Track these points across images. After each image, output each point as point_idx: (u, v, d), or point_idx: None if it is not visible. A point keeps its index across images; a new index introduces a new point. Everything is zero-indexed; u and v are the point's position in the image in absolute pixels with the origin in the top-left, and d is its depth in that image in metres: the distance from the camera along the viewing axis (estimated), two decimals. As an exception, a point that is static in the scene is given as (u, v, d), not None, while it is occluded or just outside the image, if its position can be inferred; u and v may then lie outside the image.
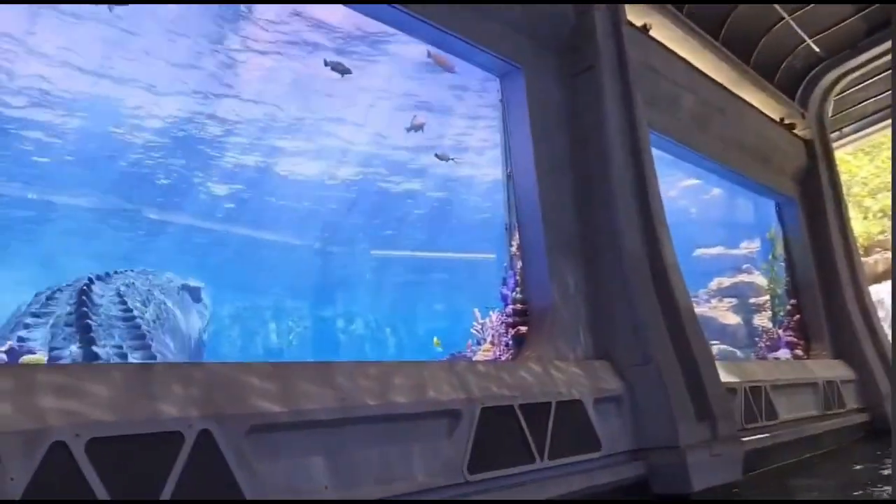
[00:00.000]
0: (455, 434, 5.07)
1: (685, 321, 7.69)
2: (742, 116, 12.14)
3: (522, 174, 7.40)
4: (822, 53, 13.78)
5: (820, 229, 14.01)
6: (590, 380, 6.68)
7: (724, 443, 7.31)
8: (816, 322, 13.63)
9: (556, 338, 6.96)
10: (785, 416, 10.14)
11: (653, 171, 8.37)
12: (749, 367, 9.92)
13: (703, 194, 25.42)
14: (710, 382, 7.55)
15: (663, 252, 7.94)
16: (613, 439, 6.64)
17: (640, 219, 7.98)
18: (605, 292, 7.53)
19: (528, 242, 7.31)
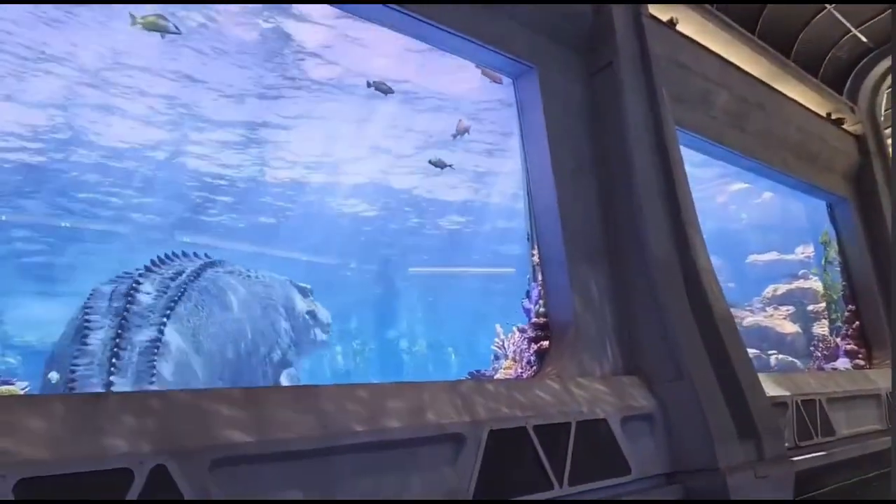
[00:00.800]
0: (459, 460, 4.65)
1: (722, 330, 7.10)
2: (784, 112, 11.44)
3: (539, 179, 6.98)
4: (869, 43, 12.96)
5: (876, 229, 13.11)
6: (616, 397, 6.17)
7: (772, 463, 6.68)
8: (878, 328, 12.70)
9: (579, 352, 6.48)
10: (844, 431, 9.37)
11: (682, 171, 7.83)
12: (801, 379, 9.19)
13: (755, 198, 24.45)
14: (754, 396, 6.93)
15: (696, 256, 7.38)
16: (645, 462, 6.10)
17: (669, 221, 7.44)
18: (633, 302, 7.01)
19: (548, 251, 6.86)
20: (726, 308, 7.47)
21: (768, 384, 8.43)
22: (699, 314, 7.16)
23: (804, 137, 11.99)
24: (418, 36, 6.94)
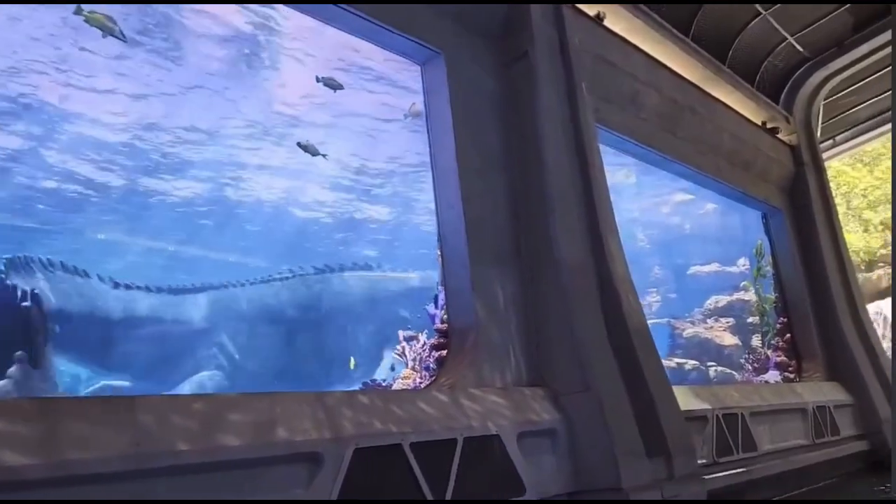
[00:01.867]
0: (315, 483, 4.09)
1: (636, 341, 6.69)
2: (717, 118, 11.20)
3: (444, 174, 6.48)
4: (805, 53, 12.86)
5: (810, 242, 12.97)
6: (515, 410, 5.68)
7: (682, 482, 6.28)
8: (808, 341, 12.53)
9: (479, 361, 5.98)
10: (767, 446, 9.07)
11: (601, 172, 7.43)
12: (723, 392, 8.87)
13: (698, 210, 24.49)
14: (666, 412, 6.53)
15: (612, 263, 6.97)
16: (543, 481, 5.63)
17: (584, 225, 7.03)
18: (542, 309, 6.55)
19: (450, 251, 6.36)
20: (642, 318, 7.08)
21: (688, 398, 8.08)
22: (612, 324, 6.76)
23: (738, 145, 11.78)
24: (323, 17, 6.40)
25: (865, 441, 11.45)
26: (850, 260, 13.59)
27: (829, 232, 13.28)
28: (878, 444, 11.39)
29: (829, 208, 13.46)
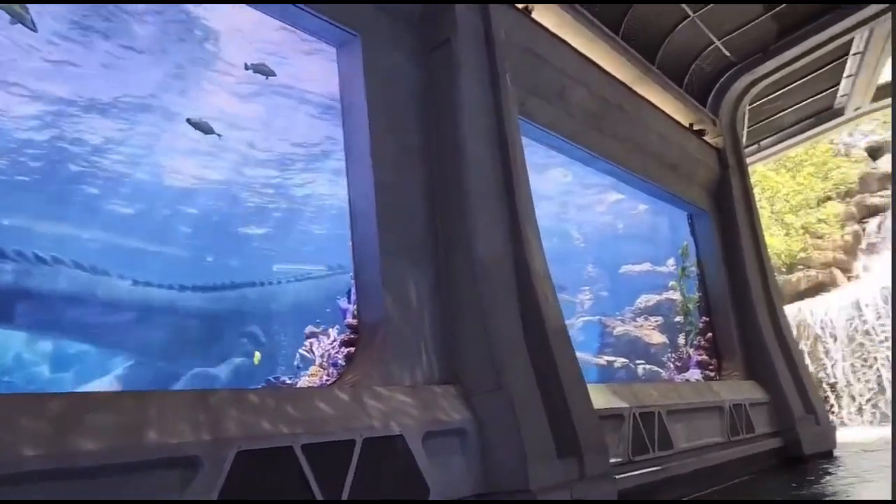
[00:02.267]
0: (190, 490, 3.77)
1: (553, 339, 6.56)
2: (645, 118, 11.24)
3: (356, 160, 6.21)
4: (732, 57, 13.06)
5: (732, 243, 13.21)
6: (422, 410, 5.46)
7: (593, 482, 6.18)
8: (728, 340, 12.77)
9: (387, 359, 5.73)
10: (683, 444, 9.13)
11: (523, 166, 7.27)
12: (641, 390, 8.87)
13: (631, 210, 24.84)
14: (580, 411, 6.42)
15: (531, 259, 6.82)
16: (451, 483, 5.43)
17: (504, 220, 6.85)
18: (457, 305, 6.35)
19: (361, 243, 6.10)
20: (560, 316, 6.95)
21: (607, 396, 8.03)
22: (529, 321, 6.61)
23: (666, 146, 11.87)
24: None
25: (779, 438, 11.71)
26: (769, 262, 13.91)
27: (751, 234, 13.55)
28: (791, 441, 11.68)
29: (751, 211, 13.73)
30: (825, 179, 23.75)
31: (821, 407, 12.87)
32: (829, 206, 23.32)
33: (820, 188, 23.57)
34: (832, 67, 14.51)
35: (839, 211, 23.31)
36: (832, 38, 12.56)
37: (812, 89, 15.51)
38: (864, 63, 14.03)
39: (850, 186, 23.87)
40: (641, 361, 21.59)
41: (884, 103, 16.23)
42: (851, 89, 15.33)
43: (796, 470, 11.08)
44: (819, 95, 15.80)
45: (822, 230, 22.74)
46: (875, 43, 13.34)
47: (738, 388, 11.52)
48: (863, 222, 23.50)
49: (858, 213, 23.71)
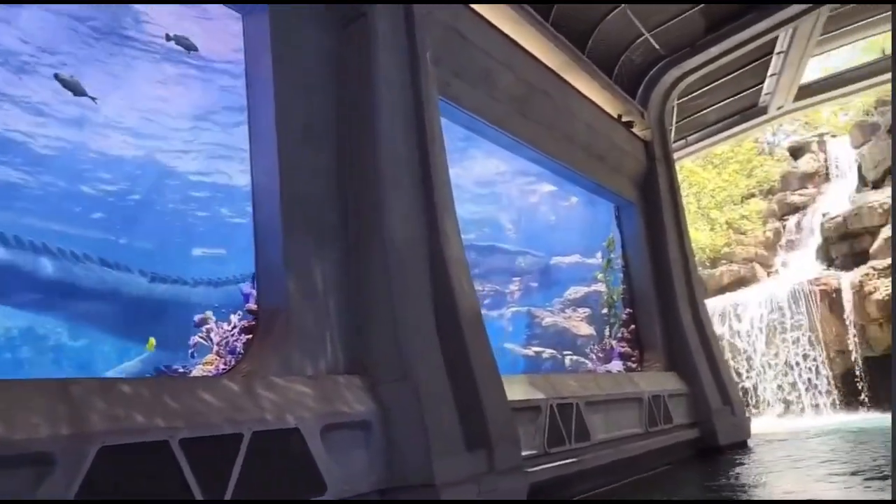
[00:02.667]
0: (41, 491, 3.37)
1: (466, 328, 6.34)
2: (572, 106, 11.15)
3: (261, 137, 5.82)
4: (661, 51, 13.12)
5: (657, 236, 13.31)
6: (322, 401, 5.15)
7: (502, 475, 6.00)
8: (650, 332, 12.88)
9: (287, 346, 5.39)
10: (601, 435, 9.08)
11: (441, 148, 7.01)
12: (559, 381, 8.78)
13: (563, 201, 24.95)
14: (492, 402, 6.22)
15: (445, 245, 6.57)
16: (352, 478, 5.14)
17: (418, 203, 6.58)
18: (366, 291, 6.05)
19: (262, 221, 5.73)
20: (475, 305, 6.74)
21: (524, 387, 7.89)
22: (442, 310, 6.38)
23: (592, 135, 11.81)
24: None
25: (696, 429, 11.88)
26: (692, 255, 14.10)
27: (676, 227, 13.69)
28: (708, 432, 11.86)
29: (676, 204, 13.88)
30: (749, 177, 24.44)
31: (737, 398, 13.14)
32: (753, 202, 24.01)
33: (744, 185, 24.24)
34: (757, 65, 14.79)
35: (762, 208, 24.03)
36: (756, 35, 12.76)
37: (738, 86, 15.79)
38: (788, 62, 14.34)
39: (772, 184, 24.64)
40: (569, 352, 21.71)
41: (805, 103, 16.69)
42: (775, 88, 15.68)
43: (711, 460, 11.26)
44: (744, 93, 16.11)
45: (745, 226, 23.40)
46: (798, 42, 13.63)
47: (657, 379, 11.61)
48: (783, 219, 24.31)
49: (779, 210, 24.51)
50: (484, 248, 24.19)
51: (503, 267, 23.70)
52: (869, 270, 18.22)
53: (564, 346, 22.41)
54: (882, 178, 21.12)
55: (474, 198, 24.70)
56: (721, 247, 23.11)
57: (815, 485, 7.94)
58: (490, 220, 24.29)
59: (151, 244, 15.29)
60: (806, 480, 8.39)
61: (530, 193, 25.19)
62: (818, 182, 24.70)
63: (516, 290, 24.24)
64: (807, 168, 24.87)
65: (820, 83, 16.70)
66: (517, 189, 24.37)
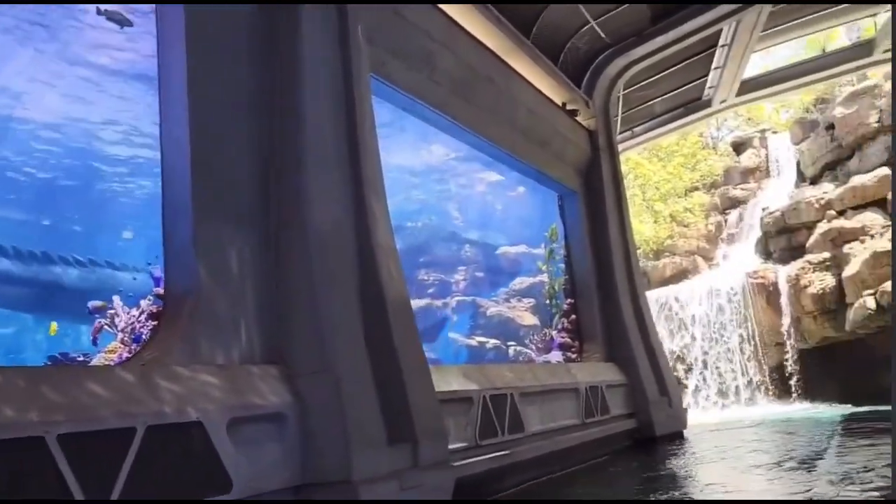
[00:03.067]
0: None
1: (393, 317, 6.07)
2: (515, 92, 10.92)
3: (171, 102, 5.42)
4: (607, 39, 13.00)
5: (600, 226, 13.25)
6: (231, 393, 4.81)
7: (427, 470, 5.76)
8: (591, 323, 12.82)
9: (196, 334, 5.03)
10: (536, 427, 8.94)
11: (371, 129, 6.70)
12: (494, 372, 8.59)
13: (510, 191, 24.86)
14: (419, 394, 5.98)
15: (373, 230, 6.28)
16: (261, 475, 4.82)
17: (346, 187, 6.27)
18: (286, 276, 5.71)
19: (172, 200, 5.33)
20: (403, 291, 6.48)
21: (456, 378, 7.66)
22: (367, 297, 6.10)
23: (536, 122, 11.62)
24: None
25: (634, 420, 11.89)
26: (634, 245, 14.12)
27: (618, 217, 13.66)
28: (645, 423, 11.89)
29: (619, 195, 13.85)
30: (693, 170, 24.75)
31: (674, 390, 13.21)
32: (696, 196, 24.33)
33: (688, 178, 24.54)
34: (702, 58, 14.83)
35: (704, 201, 24.36)
36: (700, 28, 12.76)
37: (683, 78, 15.84)
38: (731, 56, 14.42)
39: (715, 178, 25.01)
40: (513, 343, 21.68)
41: (747, 97, 16.89)
42: (718, 81, 15.78)
43: (647, 451, 11.29)
44: (689, 85, 16.17)
45: (688, 219, 23.70)
46: (740, 36, 13.69)
47: (596, 370, 11.56)
48: (725, 213, 24.72)
49: (721, 204, 24.91)
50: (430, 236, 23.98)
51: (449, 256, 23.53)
52: (805, 264, 18.60)
53: (508, 336, 22.35)
54: (820, 175, 21.62)
55: (422, 184, 24.44)
56: (664, 239, 23.38)
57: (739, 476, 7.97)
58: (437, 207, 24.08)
59: (79, 226, 14.52)
60: (731, 472, 8.43)
61: (478, 182, 25.04)
62: (759, 177, 25.19)
63: (462, 280, 24.09)
64: (748, 163, 25.34)
65: (761, 79, 16.90)
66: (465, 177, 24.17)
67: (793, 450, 9.72)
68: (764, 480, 7.38)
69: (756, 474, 7.88)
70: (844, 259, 17.62)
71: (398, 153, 18.28)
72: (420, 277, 22.73)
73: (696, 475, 8.56)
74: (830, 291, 17.71)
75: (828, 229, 18.85)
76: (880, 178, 18.77)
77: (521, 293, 23.56)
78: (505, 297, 23.24)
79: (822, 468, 7.58)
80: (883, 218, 17.97)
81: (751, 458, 9.50)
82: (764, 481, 7.35)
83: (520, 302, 23.26)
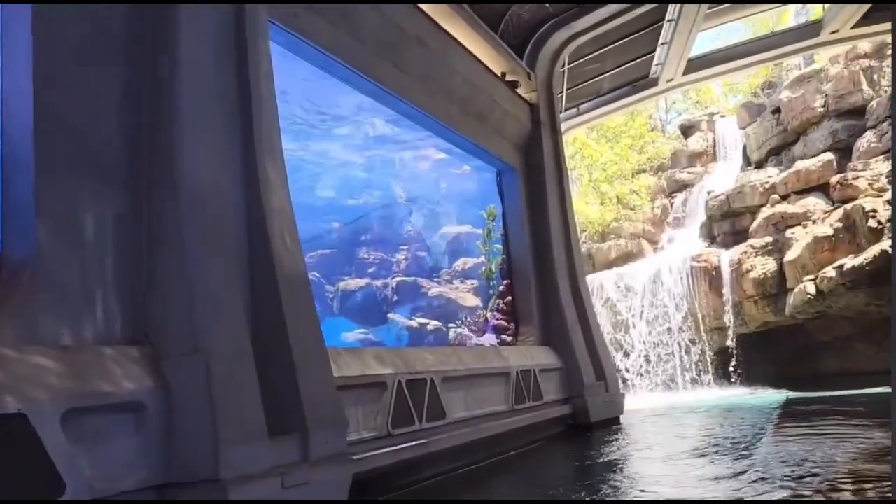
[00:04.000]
0: None
1: (285, 293, 5.38)
2: (450, 58, 10.24)
3: (12, 39, 4.57)
4: (549, 8, 12.40)
5: (539, 204, 12.72)
6: (72, 378, 4.05)
7: (318, 465, 5.11)
8: (526, 305, 12.33)
9: (35, 308, 4.24)
10: (459, 414, 8.39)
11: (268, 81, 5.95)
12: (413, 355, 7.97)
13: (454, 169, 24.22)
14: (311, 380, 5.32)
15: (267, 194, 5.56)
16: (108, 475, 4.09)
17: (233, 144, 5.52)
18: (156, 245, 4.95)
19: (10, 152, 4.50)
20: (299, 265, 5.79)
21: (368, 361, 7.02)
22: (259, 269, 5.40)
23: (473, 92, 10.97)
24: None
25: (568, 405, 11.46)
26: (575, 226, 13.66)
27: (559, 197, 13.17)
28: (580, 408, 11.48)
29: (560, 172, 13.34)
30: (641, 152, 24.47)
31: (612, 374, 12.84)
32: (643, 178, 24.07)
33: (635, 160, 24.25)
34: (648, 33, 14.37)
35: (651, 184, 24.12)
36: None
37: (629, 54, 15.38)
38: (677, 32, 13.97)
39: (662, 161, 24.78)
40: (454, 325, 21.20)
41: (694, 77, 16.53)
42: (665, 58, 15.36)
43: (580, 437, 10.88)
44: (636, 61, 15.73)
45: (634, 202, 23.43)
46: (687, 11, 13.25)
47: (529, 353, 11.07)
48: (671, 196, 24.56)
49: (668, 187, 24.73)
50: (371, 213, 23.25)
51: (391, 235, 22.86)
52: (747, 248, 18.48)
53: (450, 317, 21.79)
54: (765, 159, 21.53)
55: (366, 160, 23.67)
56: (610, 221, 23.06)
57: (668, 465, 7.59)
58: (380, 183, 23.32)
59: None
60: (661, 460, 8.04)
61: (422, 159, 24.35)
62: (706, 161, 25.08)
63: (403, 259, 23.44)
64: (696, 147, 25.19)
65: (708, 57, 16.54)
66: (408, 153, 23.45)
67: (728, 437, 9.39)
68: (693, 469, 6.98)
69: (684, 462, 7.49)
70: (786, 244, 17.52)
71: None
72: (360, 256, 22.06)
73: (631, 464, 8.15)
74: (772, 276, 17.63)
75: (771, 213, 18.75)
76: (824, 162, 18.73)
77: (464, 274, 23.04)
78: (448, 278, 22.71)
79: (756, 456, 7.23)
80: (825, 203, 17.91)
81: (683, 444, 9.15)
82: (693, 469, 6.94)
83: (462, 283, 22.67)
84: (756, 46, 16.18)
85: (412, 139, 22.23)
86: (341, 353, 6.62)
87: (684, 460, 7.62)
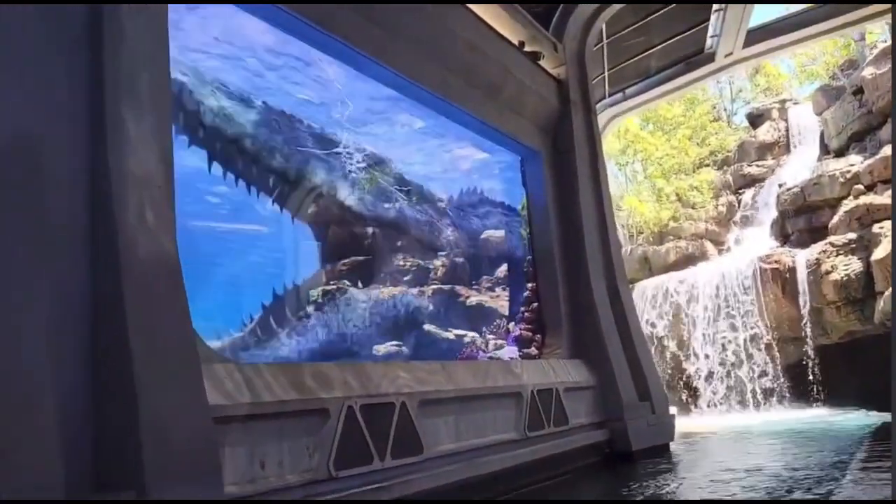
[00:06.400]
0: None
1: (131, 285, 3.87)
2: (449, 19, 8.62)
3: None
4: (578, -32, 10.66)
5: (568, 194, 10.92)
6: None
7: None
8: (554, 312, 10.51)
9: None
10: (445, 445, 6.73)
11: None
12: (377, 372, 6.29)
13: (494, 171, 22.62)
14: (164, 412, 3.78)
15: (117, 154, 4.07)
16: None
17: (66, 85, 4.07)
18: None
19: None
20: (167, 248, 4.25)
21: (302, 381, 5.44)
22: (102, 255, 3.91)
23: (480, 60, 9.29)
24: None
25: (604, 430, 9.57)
26: (613, 220, 11.76)
27: (593, 185, 11.34)
28: (618, 433, 9.59)
29: (595, 157, 11.50)
30: (702, 145, 22.13)
31: (659, 392, 10.85)
32: (704, 173, 21.72)
33: (695, 154, 21.93)
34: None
35: (714, 179, 21.77)
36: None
37: (679, 25, 13.43)
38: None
39: (727, 154, 22.39)
40: (493, 336, 19.56)
41: (757, 49, 14.36)
42: (721, 28, 13.31)
43: (617, 470, 9.02)
44: (687, 33, 13.73)
45: (695, 199, 21.12)
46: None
47: (551, 368, 9.25)
48: (738, 193, 22.13)
49: (734, 183, 22.32)
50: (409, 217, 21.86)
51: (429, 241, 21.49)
52: (827, 247, 16.07)
53: (489, 326, 20.25)
54: (846, 146, 18.95)
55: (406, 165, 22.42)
56: (668, 221, 20.82)
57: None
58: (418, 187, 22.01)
59: None
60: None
61: (461, 159, 22.87)
62: (778, 153, 22.53)
63: (441, 267, 21.97)
64: (766, 137, 22.66)
65: (772, 26, 14.32)
66: (444, 153, 22.04)
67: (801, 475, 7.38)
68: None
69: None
70: (873, 240, 15.08)
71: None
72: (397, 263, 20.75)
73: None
74: (857, 278, 15.18)
75: (854, 206, 16.28)
76: (916, 146, 16.14)
77: (505, 281, 21.43)
78: (488, 285, 21.10)
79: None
80: (919, 192, 15.36)
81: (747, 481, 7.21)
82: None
83: (504, 291, 21.11)
84: (828, 12, 13.87)
85: (439, 133, 20.77)
86: (261, 372, 5.06)
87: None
